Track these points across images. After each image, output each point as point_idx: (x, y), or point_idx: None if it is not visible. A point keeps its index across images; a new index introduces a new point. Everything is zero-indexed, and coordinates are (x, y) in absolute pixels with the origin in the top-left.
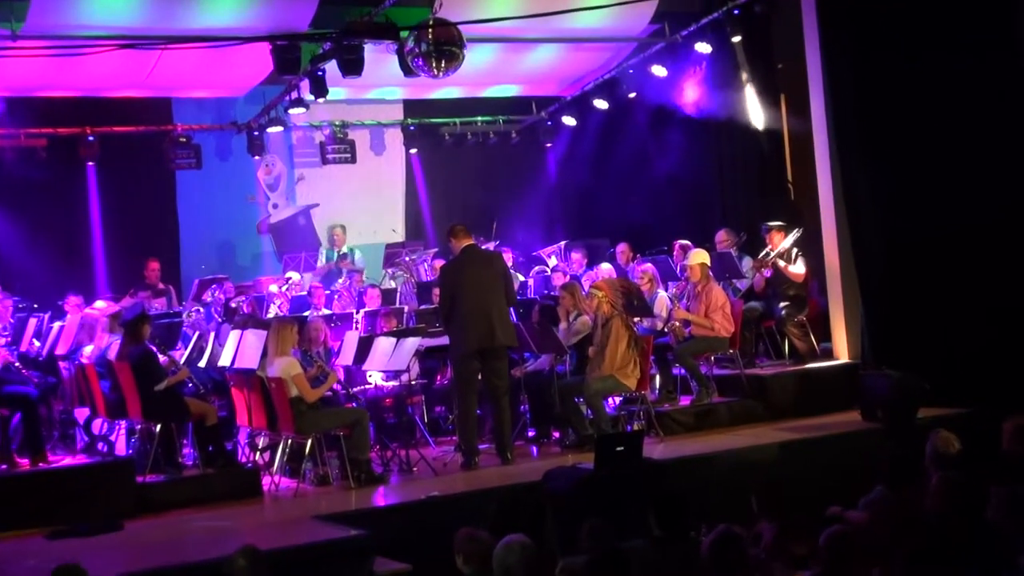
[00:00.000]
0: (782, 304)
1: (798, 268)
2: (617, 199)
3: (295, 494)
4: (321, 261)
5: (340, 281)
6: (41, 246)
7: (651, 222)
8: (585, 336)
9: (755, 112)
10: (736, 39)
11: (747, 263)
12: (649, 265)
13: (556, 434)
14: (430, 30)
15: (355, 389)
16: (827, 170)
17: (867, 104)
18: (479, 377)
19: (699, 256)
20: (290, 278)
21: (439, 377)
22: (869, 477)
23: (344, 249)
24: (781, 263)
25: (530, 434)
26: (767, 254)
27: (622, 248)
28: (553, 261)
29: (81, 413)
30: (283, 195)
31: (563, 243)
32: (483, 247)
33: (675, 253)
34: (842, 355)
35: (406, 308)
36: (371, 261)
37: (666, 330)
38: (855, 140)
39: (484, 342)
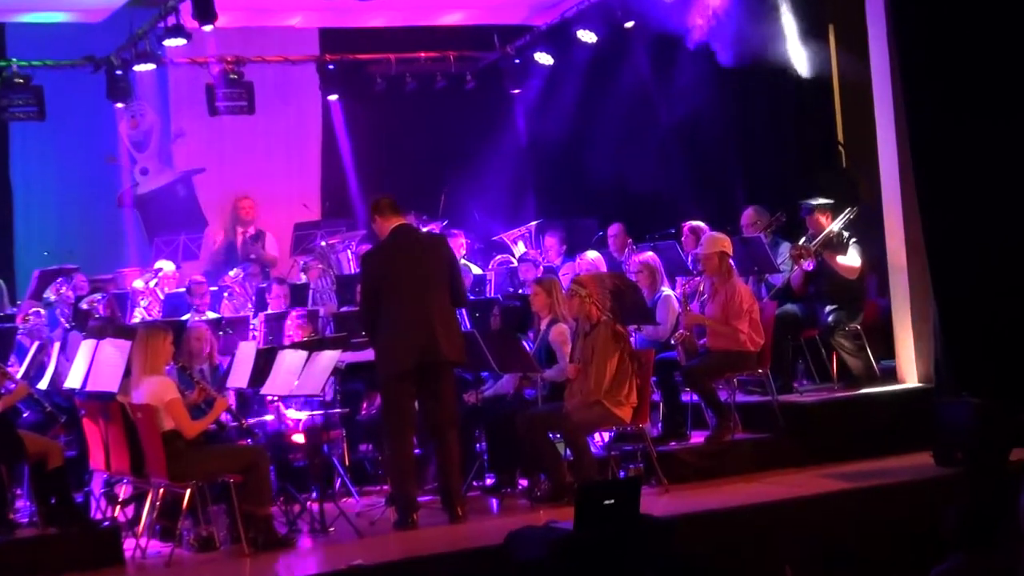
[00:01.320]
0: (829, 308)
1: (851, 260)
2: (608, 165)
3: (168, 562)
4: (215, 246)
5: (232, 274)
6: None
7: (654, 196)
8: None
9: (795, 49)
10: None
11: (783, 252)
12: (650, 254)
13: (523, 482)
14: None
15: (251, 421)
16: (891, 128)
17: (950, 39)
18: (417, 405)
19: (718, 242)
20: (161, 270)
21: (365, 405)
22: (943, 540)
23: (253, 230)
24: (828, 253)
25: (488, 482)
26: (809, 241)
27: (615, 231)
28: (521, 248)
29: None
30: (155, 156)
31: (534, 224)
32: (424, 228)
33: (685, 238)
34: (909, 377)
35: (322, 311)
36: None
37: (672, 342)
38: (932, 88)
39: (423, 357)
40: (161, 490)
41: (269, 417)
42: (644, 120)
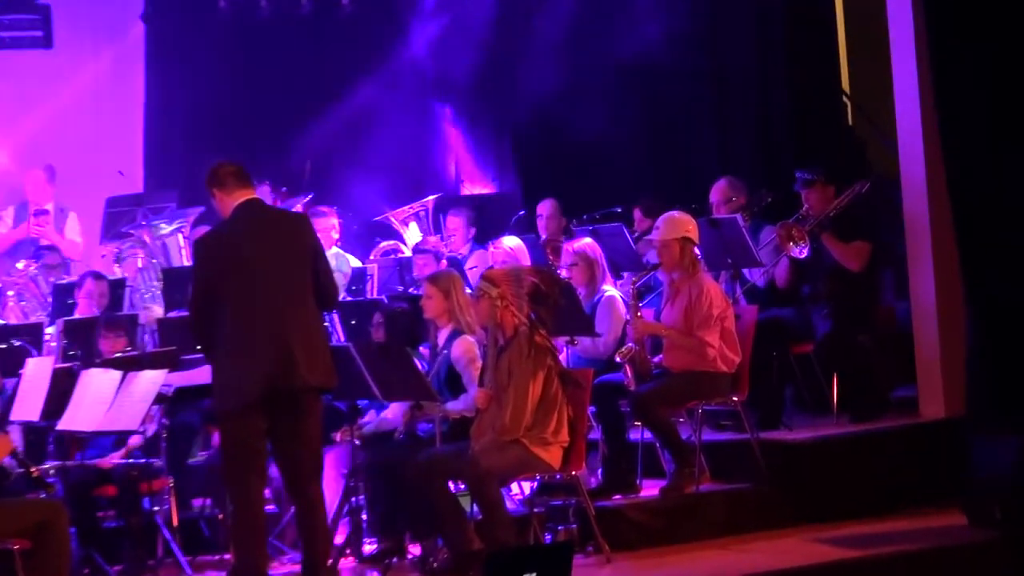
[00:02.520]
0: (828, 314)
1: (859, 249)
2: (537, 120)
3: None
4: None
5: (20, 266)
6: None
7: (595, 163)
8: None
9: None
10: None
11: (767, 239)
12: (588, 241)
13: (415, 549)
14: None
15: (46, 465)
16: (911, 75)
17: None
18: (268, 446)
19: (679, 225)
20: None
21: (201, 445)
22: None
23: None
24: (828, 237)
25: (368, 548)
26: (802, 221)
27: (545, 210)
28: (414, 232)
29: None
30: None
31: (431, 199)
32: (281, 205)
33: (636, 219)
34: (933, 407)
35: (142, 316)
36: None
37: (618, 359)
38: (964, 21)
39: (277, 382)
40: None
41: (70, 461)
42: (587, 58)
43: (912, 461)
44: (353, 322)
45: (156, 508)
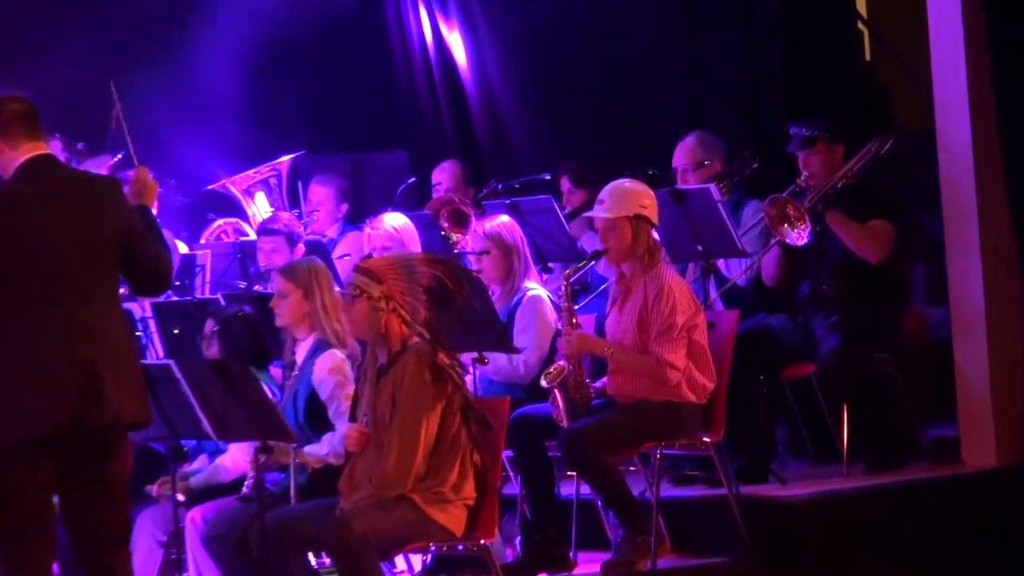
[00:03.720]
0: (835, 322)
1: (878, 230)
2: (428, 58)
3: None
4: None
5: None
6: None
7: (513, 114)
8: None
9: None
10: None
11: (751, 218)
12: (504, 220)
13: None
14: None
15: None
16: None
17: None
18: (58, 504)
19: (630, 198)
20: None
21: None
22: None
23: None
24: (835, 216)
25: None
26: (800, 194)
27: (443, 176)
28: (262, 205)
29: None
30: None
31: (286, 160)
32: (80, 166)
33: (564, 190)
34: (981, 452)
35: None
36: None
37: (545, 384)
38: None
39: (72, 415)
40: None
41: None
42: None
43: (951, 525)
44: (176, 331)
45: None
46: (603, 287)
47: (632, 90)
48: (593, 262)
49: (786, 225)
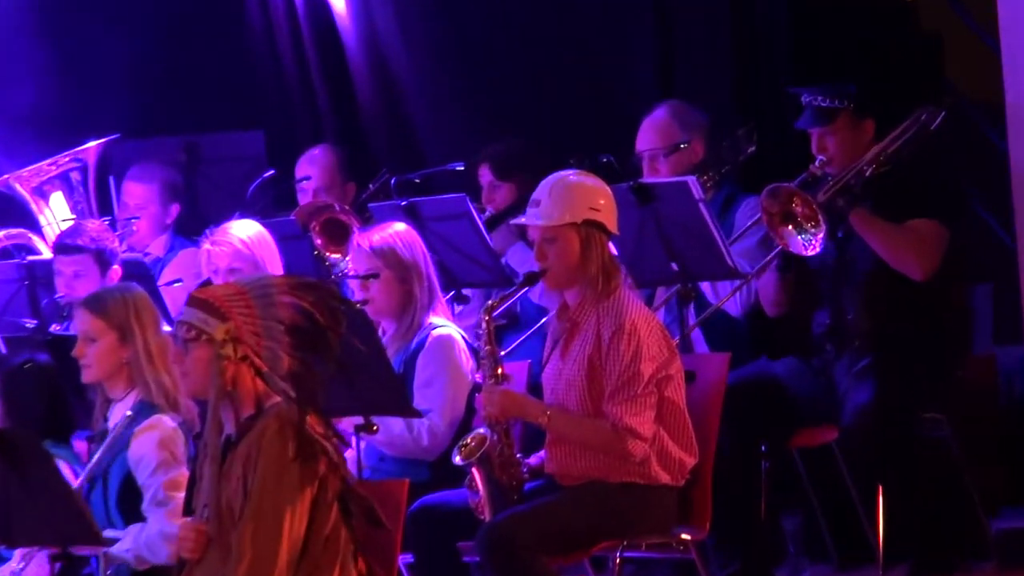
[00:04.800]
0: (866, 367)
1: (922, 236)
2: (301, 5)
3: None
4: None
5: None
6: None
7: (420, 81)
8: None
9: None
10: None
11: (744, 220)
12: (400, 229)
13: None
14: None
15: None
16: None
17: None
18: None
19: (577, 197)
20: None
21: None
22: None
23: None
24: (862, 216)
25: None
26: (813, 185)
27: (314, 169)
28: (60, 210)
29: None
30: None
31: (92, 147)
32: None
33: (484, 184)
34: None
35: None
36: None
37: (458, 461)
38: None
39: None
40: None
41: None
42: None
43: None
44: None
45: None
46: (541, 323)
47: (580, 47)
48: (525, 289)
49: (791, 227)
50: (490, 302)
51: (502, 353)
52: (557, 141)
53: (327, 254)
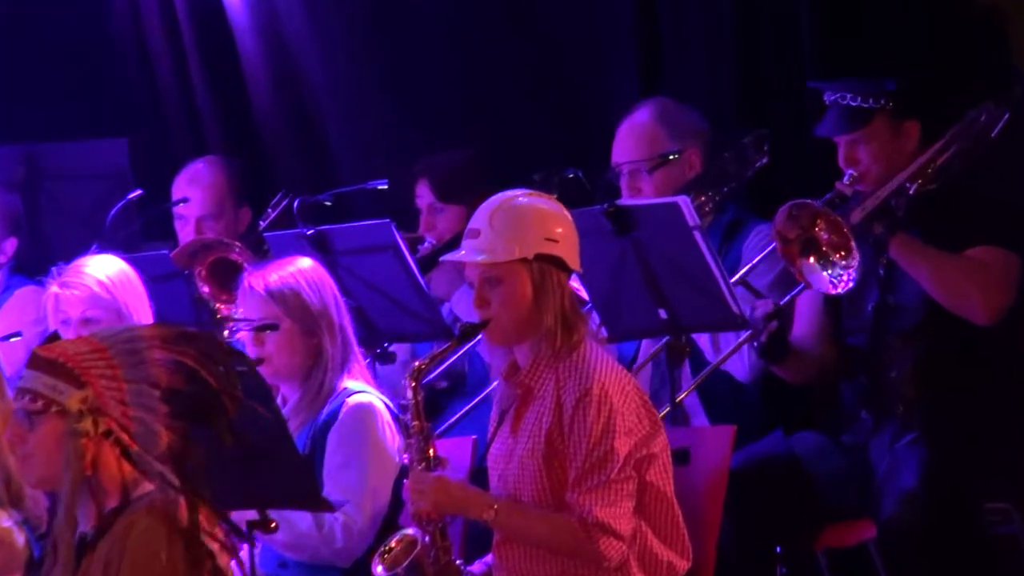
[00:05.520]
0: (914, 439)
1: (986, 269)
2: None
3: None
4: None
5: None
6: None
7: (334, 75)
8: None
9: None
10: None
11: (752, 252)
12: (303, 265)
13: None
14: None
15: None
16: None
17: None
18: None
19: (529, 225)
20: None
21: None
22: None
23: None
24: (905, 246)
25: None
26: (841, 205)
27: (199, 186)
28: None
29: None
30: None
31: None
32: None
33: (423, 206)
34: None
35: None
36: None
37: (379, 570)
38: None
39: None
40: None
41: None
42: None
43: None
44: None
45: None
46: (486, 392)
47: (541, 35)
48: (465, 345)
49: (814, 259)
50: (417, 363)
51: (441, 428)
52: (514, 152)
53: (217, 306)
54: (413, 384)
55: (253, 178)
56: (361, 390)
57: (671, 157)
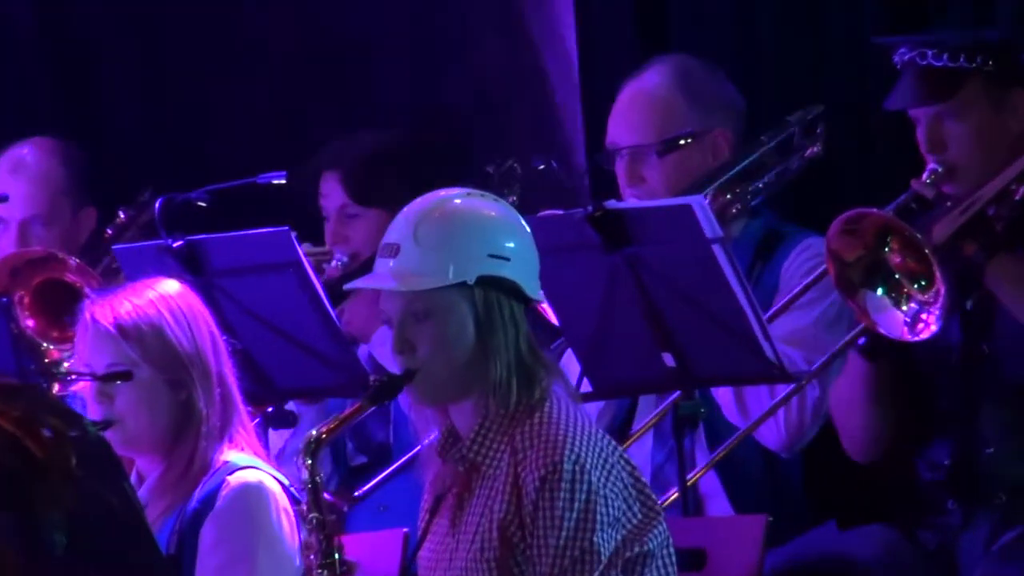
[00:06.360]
0: (1013, 538)
1: None
2: None
3: None
4: None
5: None
6: None
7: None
8: None
9: None
10: None
11: (792, 279)
12: (169, 289)
13: None
14: None
15: None
16: None
17: None
18: None
19: (468, 237)
20: None
21: None
22: None
23: None
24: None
25: None
26: (923, 216)
27: (24, 179)
28: None
29: None
30: None
31: None
32: None
33: (333, 208)
34: None
35: None
36: None
37: None
38: None
39: None
40: None
41: None
42: None
43: None
44: None
45: None
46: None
47: None
48: (379, 404)
49: (881, 290)
50: (313, 432)
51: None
52: (458, 134)
53: (46, 346)
54: (309, 462)
55: (98, 169)
56: (248, 465)
57: (681, 142)
